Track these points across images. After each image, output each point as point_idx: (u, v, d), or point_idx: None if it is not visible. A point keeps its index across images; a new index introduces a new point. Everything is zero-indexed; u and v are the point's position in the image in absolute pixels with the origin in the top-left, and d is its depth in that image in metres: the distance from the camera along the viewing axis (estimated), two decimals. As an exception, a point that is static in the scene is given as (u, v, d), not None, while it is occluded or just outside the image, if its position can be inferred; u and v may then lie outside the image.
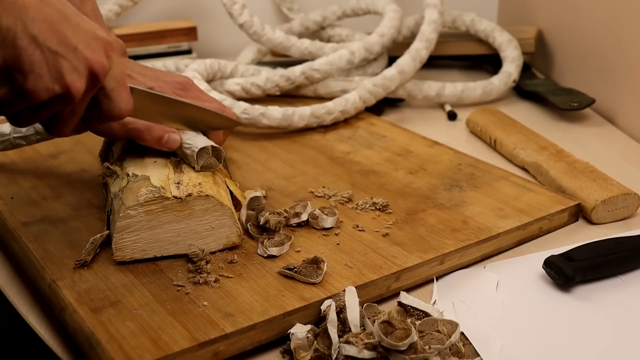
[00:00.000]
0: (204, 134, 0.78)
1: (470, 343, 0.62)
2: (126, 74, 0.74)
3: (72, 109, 0.57)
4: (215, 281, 0.66)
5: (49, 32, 0.53)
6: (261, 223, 0.74)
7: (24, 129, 0.85)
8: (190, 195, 0.68)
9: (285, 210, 0.76)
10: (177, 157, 0.75)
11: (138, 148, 0.76)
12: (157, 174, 0.71)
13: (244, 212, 0.75)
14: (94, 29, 0.57)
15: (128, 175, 0.72)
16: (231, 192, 0.77)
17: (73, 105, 0.57)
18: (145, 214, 0.68)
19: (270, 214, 0.75)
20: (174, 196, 0.68)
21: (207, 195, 0.69)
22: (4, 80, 0.53)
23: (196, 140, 0.74)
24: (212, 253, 0.71)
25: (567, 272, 0.69)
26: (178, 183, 0.70)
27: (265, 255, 0.71)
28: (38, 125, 0.84)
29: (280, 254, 0.71)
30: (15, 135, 0.86)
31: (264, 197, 0.82)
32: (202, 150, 0.72)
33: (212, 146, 0.73)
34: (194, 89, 0.80)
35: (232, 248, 0.72)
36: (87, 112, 0.59)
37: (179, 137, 0.74)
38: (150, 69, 0.80)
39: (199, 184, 0.70)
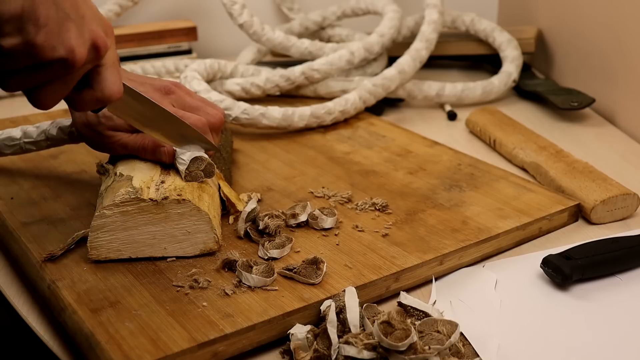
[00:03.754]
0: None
1: (470, 343, 0.62)
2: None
3: (64, 80, 0.57)
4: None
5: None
6: (260, 228, 0.74)
7: (34, 135, 0.85)
8: (166, 198, 0.68)
9: (282, 213, 0.76)
10: None
11: None
12: (142, 175, 0.71)
13: (241, 225, 0.74)
14: (97, 9, 0.59)
15: (116, 174, 0.72)
16: (221, 198, 0.77)
17: (67, 75, 0.57)
18: (121, 215, 0.68)
19: (269, 217, 0.75)
20: (149, 198, 0.68)
21: (184, 199, 0.68)
22: (17, 30, 0.54)
23: (189, 150, 0.73)
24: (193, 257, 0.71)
25: (565, 270, 0.69)
26: (159, 185, 0.70)
27: (266, 258, 0.71)
28: (49, 132, 0.85)
29: (281, 256, 0.71)
30: (25, 140, 0.86)
31: (259, 200, 0.82)
32: (195, 160, 0.72)
33: (201, 158, 0.73)
34: (180, 91, 0.80)
35: (209, 254, 0.71)
36: (78, 91, 0.60)
37: (172, 149, 0.74)
38: (137, 75, 0.80)
39: (182, 187, 0.70)
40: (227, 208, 0.78)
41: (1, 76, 0.57)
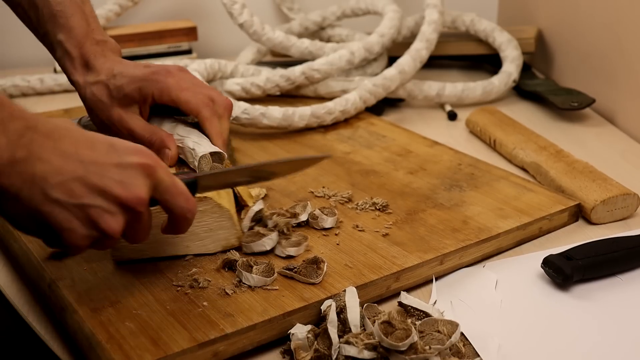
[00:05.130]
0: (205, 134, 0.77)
1: (470, 343, 0.62)
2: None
3: (134, 232, 0.58)
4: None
5: (72, 191, 0.54)
6: (270, 226, 0.74)
7: None
8: None
9: (287, 210, 0.77)
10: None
11: None
12: None
13: (247, 224, 0.75)
14: (126, 158, 0.57)
15: None
16: (235, 193, 0.77)
17: (131, 230, 0.58)
18: None
19: (277, 215, 0.75)
20: None
21: (205, 196, 0.69)
22: (48, 239, 0.56)
23: (198, 147, 0.73)
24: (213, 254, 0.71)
25: (566, 271, 0.69)
26: None
27: (284, 256, 0.71)
28: None
29: (298, 254, 0.71)
30: None
31: (265, 195, 0.82)
32: (203, 157, 0.72)
33: (211, 152, 0.73)
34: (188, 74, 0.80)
35: (230, 250, 0.71)
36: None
37: (176, 154, 0.74)
38: (137, 63, 0.79)
39: None
40: (240, 204, 0.78)
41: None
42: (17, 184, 0.53)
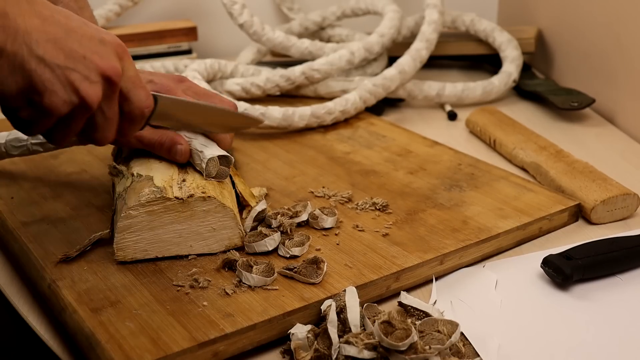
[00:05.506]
0: (211, 138, 0.77)
1: (470, 343, 0.62)
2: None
3: (103, 117, 0.59)
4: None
5: (55, 50, 0.55)
6: (274, 226, 0.74)
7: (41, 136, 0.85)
8: (191, 196, 0.68)
9: (289, 209, 0.77)
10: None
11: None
12: (161, 175, 0.71)
13: (249, 224, 0.75)
14: (100, 34, 0.59)
15: (133, 175, 0.72)
16: (236, 193, 0.77)
17: (101, 112, 0.59)
18: (147, 215, 0.68)
19: (281, 215, 0.75)
20: (175, 197, 0.68)
21: (209, 196, 0.69)
22: (25, 102, 0.56)
23: (205, 149, 0.73)
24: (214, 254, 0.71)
25: (566, 271, 0.69)
26: (181, 183, 0.70)
27: (288, 256, 0.71)
28: None
29: (302, 254, 0.71)
30: (32, 141, 0.85)
31: (266, 195, 0.82)
32: (211, 159, 0.72)
33: (219, 155, 0.73)
34: (189, 81, 0.80)
35: (231, 250, 0.71)
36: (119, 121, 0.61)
37: (188, 149, 0.74)
38: (143, 70, 0.80)
39: (204, 185, 0.70)
40: (241, 203, 0.78)
41: (47, 136, 0.59)
42: (1, 38, 0.53)
